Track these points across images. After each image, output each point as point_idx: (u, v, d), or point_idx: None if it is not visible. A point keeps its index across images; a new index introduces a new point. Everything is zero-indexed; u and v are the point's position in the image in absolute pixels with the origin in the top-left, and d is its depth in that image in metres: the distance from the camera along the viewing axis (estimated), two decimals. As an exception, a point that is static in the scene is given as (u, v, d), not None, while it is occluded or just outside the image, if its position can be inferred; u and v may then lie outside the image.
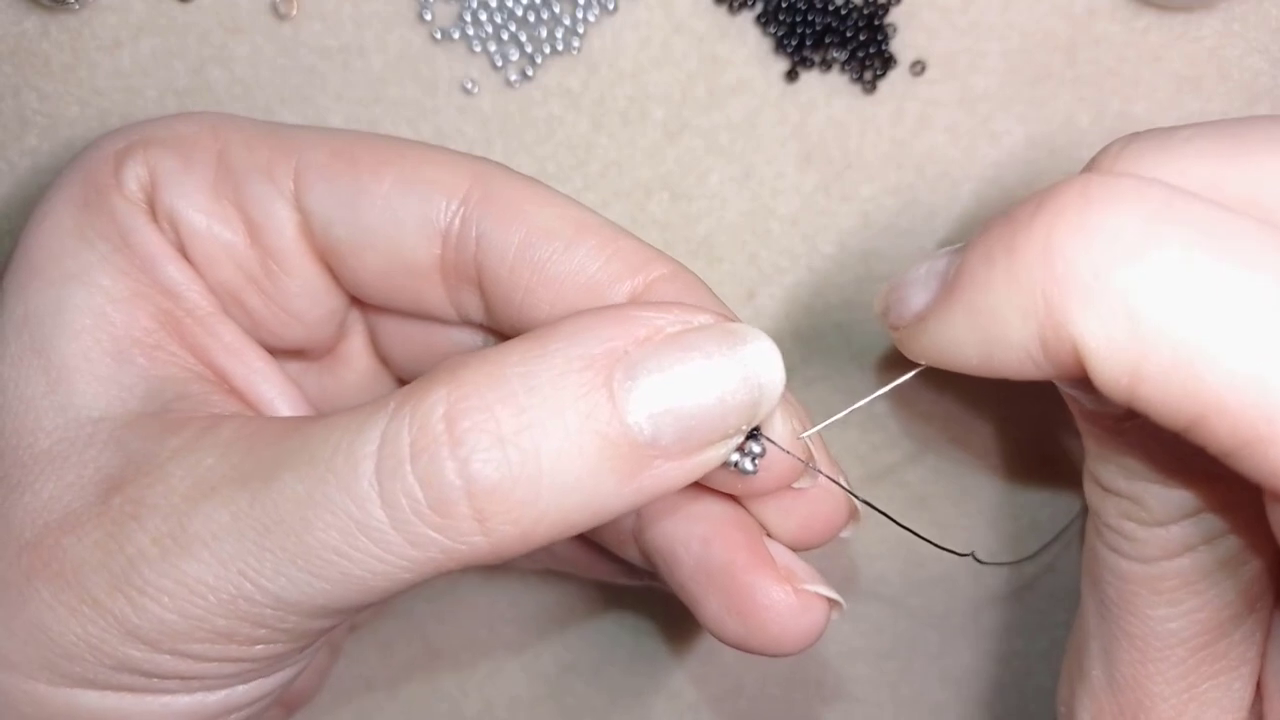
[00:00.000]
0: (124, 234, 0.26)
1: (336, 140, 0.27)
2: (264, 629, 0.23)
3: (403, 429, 0.21)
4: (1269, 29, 0.32)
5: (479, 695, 0.40)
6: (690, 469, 0.22)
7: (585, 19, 0.32)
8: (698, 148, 0.34)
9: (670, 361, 0.22)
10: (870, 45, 0.33)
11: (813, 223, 0.34)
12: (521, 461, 0.21)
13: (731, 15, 0.33)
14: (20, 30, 0.32)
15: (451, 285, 0.27)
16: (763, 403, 0.22)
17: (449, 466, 0.21)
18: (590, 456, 0.21)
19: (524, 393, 0.21)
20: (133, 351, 0.25)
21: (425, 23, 0.32)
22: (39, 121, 0.33)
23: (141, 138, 0.27)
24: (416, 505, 0.21)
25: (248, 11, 0.32)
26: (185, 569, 0.22)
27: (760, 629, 0.26)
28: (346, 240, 0.26)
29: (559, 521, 0.22)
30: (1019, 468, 0.37)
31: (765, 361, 0.22)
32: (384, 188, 0.26)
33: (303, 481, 0.22)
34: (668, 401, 0.22)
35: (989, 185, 0.34)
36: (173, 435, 0.24)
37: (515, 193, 0.26)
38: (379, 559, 0.22)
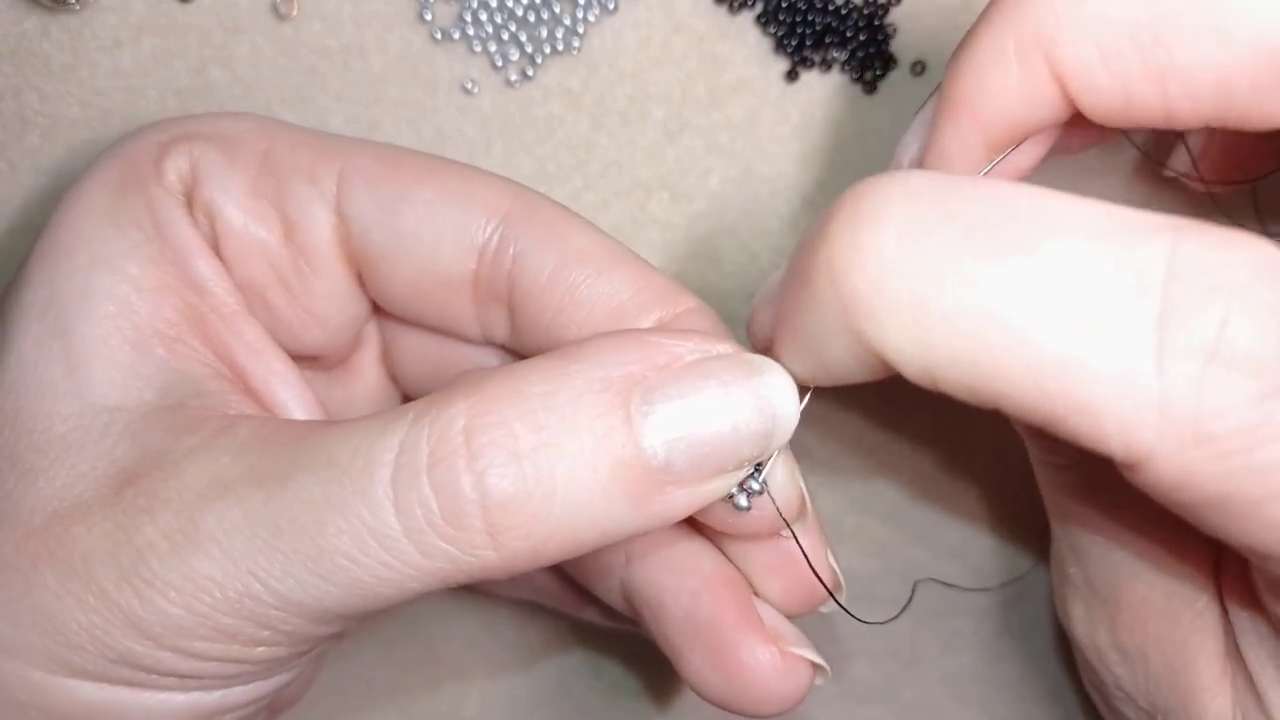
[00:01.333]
0: (158, 224, 0.26)
1: (382, 150, 0.27)
2: (267, 630, 0.23)
3: (421, 438, 0.22)
4: (1269, 29, 0.32)
5: (479, 695, 0.40)
6: (698, 497, 0.23)
7: (585, 19, 0.32)
8: (698, 148, 0.34)
9: (687, 389, 0.22)
10: (870, 45, 0.33)
11: (813, 222, 0.34)
12: (536, 479, 0.21)
13: (731, 15, 0.33)
14: (21, 30, 0.32)
15: (481, 301, 0.27)
16: (776, 434, 0.23)
17: (465, 479, 0.21)
18: (604, 478, 0.22)
19: (543, 411, 0.22)
20: (153, 342, 0.25)
21: (425, 23, 0.32)
22: (40, 122, 0.33)
23: (187, 131, 0.27)
24: (430, 515, 0.21)
25: (248, 11, 0.32)
26: (194, 565, 0.22)
27: (744, 688, 0.26)
28: (383, 246, 0.27)
29: (568, 540, 0.22)
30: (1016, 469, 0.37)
31: (780, 393, 0.23)
32: (426, 197, 0.26)
33: (319, 484, 0.22)
34: (683, 428, 0.22)
35: (989, 185, 0.34)
36: (189, 433, 0.24)
37: (554, 218, 0.26)
38: (388, 566, 0.22)
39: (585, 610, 0.33)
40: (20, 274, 0.26)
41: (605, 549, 0.24)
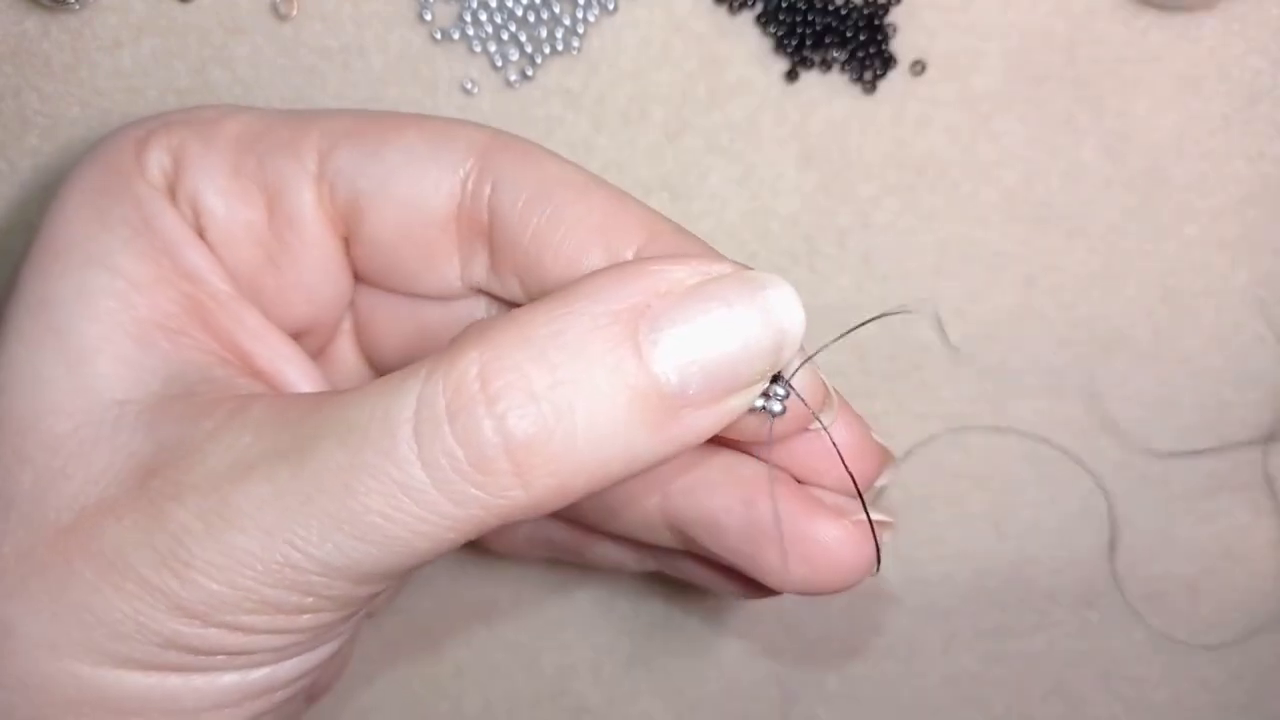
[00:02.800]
0: (146, 219, 0.26)
1: (357, 112, 0.28)
2: (311, 597, 0.23)
3: (438, 391, 0.22)
4: (1269, 29, 0.32)
5: (479, 694, 0.40)
6: (718, 416, 0.23)
7: (585, 19, 0.32)
8: (698, 148, 0.34)
9: (692, 313, 0.22)
10: (870, 45, 0.33)
11: (813, 223, 0.34)
12: (556, 415, 0.22)
13: (731, 15, 0.33)
14: (21, 30, 0.32)
15: (464, 239, 0.28)
16: (785, 346, 0.23)
17: (486, 424, 0.22)
18: (621, 409, 0.22)
19: (553, 350, 0.22)
20: (155, 335, 0.25)
21: (425, 23, 0.32)
22: (40, 122, 0.33)
23: (162, 125, 0.27)
24: (457, 464, 0.22)
25: (248, 11, 0.32)
26: (231, 541, 0.22)
27: (827, 568, 0.27)
28: (368, 194, 0.27)
29: (595, 473, 0.22)
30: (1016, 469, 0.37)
31: (785, 305, 0.23)
32: (407, 140, 0.27)
33: (342, 450, 0.22)
34: (693, 352, 0.22)
35: (989, 185, 0.34)
36: (205, 418, 0.24)
37: (531, 149, 0.27)
38: (423, 519, 0.22)
39: (610, 556, 0.33)
40: (13, 279, 0.26)
41: (633, 481, 0.25)
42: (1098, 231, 0.34)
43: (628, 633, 0.39)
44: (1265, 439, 0.36)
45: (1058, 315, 0.35)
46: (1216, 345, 0.36)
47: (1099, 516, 0.37)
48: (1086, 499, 0.37)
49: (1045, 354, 0.36)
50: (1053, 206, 0.34)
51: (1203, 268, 0.35)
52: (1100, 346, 0.36)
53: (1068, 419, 0.36)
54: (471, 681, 0.40)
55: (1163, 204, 0.34)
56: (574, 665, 0.39)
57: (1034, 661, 0.39)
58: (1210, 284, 0.35)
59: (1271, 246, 0.35)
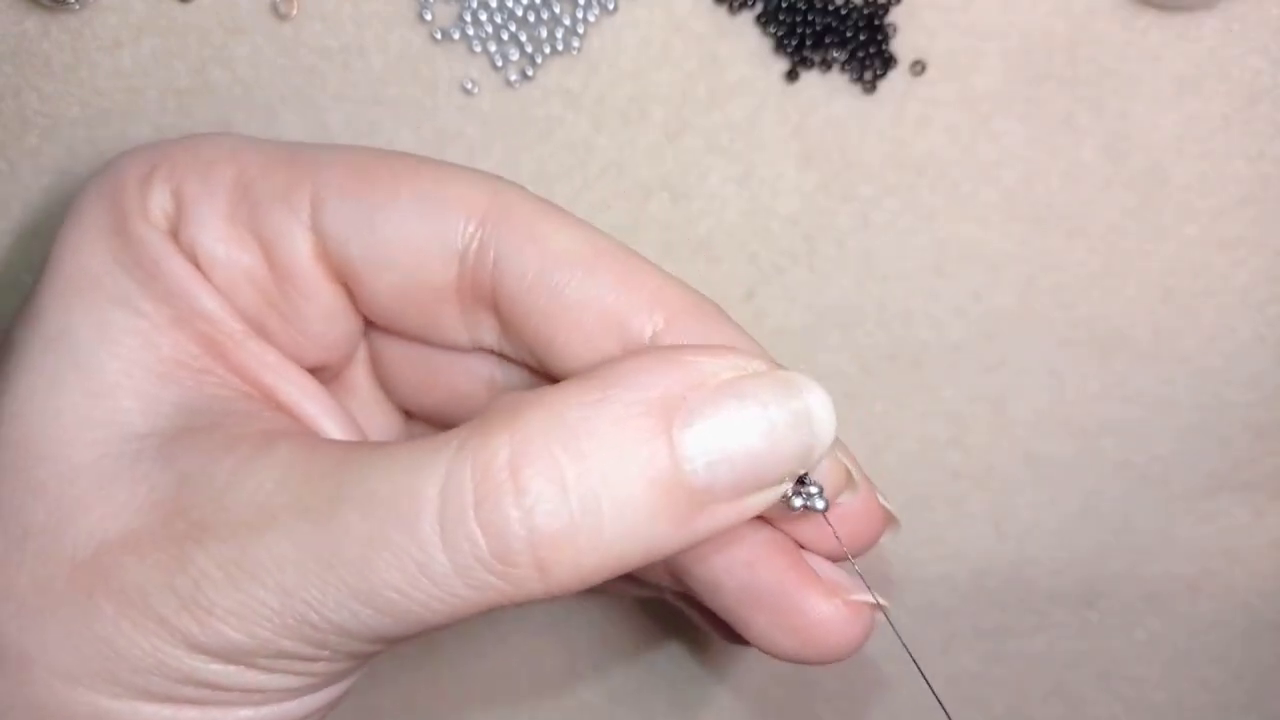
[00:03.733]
0: (155, 262, 0.26)
1: (353, 158, 0.27)
2: (326, 649, 0.23)
3: (465, 473, 0.22)
4: (1269, 29, 0.32)
5: (479, 694, 0.40)
6: (741, 513, 0.23)
7: (585, 19, 0.32)
8: (698, 148, 0.34)
9: (727, 410, 0.22)
10: (870, 45, 0.33)
11: (813, 223, 0.34)
12: (583, 511, 0.22)
13: (731, 15, 0.33)
14: (21, 30, 0.32)
15: (467, 307, 0.27)
16: (815, 451, 0.23)
17: (513, 516, 0.22)
18: (649, 503, 0.22)
19: (585, 438, 0.22)
20: (179, 373, 0.25)
21: (425, 23, 0.32)
22: (40, 122, 0.33)
23: (163, 160, 0.26)
24: (479, 552, 0.22)
25: (248, 11, 0.32)
26: (251, 593, 0.22)
27: (815, 642, 0.27)
28: (363, 259, 0.26)
29: (614, 565, 0.22)
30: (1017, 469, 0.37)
31: (820, 412, 0.23)
32: (401, 206, 0.26)
33: (365, 520, 0.22)
34: (724, 449, 0.22)
35: (989, 185, 0.34)
36: (227, 452, 0.24)
37: (534, 215, 0.26)
38: (438, 599, 0.22)
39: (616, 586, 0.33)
40: (28, 308, 0.26)
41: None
42: (1098, 231, 0.34)
43: (629, 633, 0.39)
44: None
45: (1058, 315, 0.35)
46: (1216, 345, 0.36)
47: (1099, 516, 0.37)
48: (1086, 499, 0.37)
49: (1045, 354, 0.36)
50: (1053, 206, 0.34)
51: (1203, 268, 0.35)
52: (1100, 346, 0.36)
53: (1068, 419, 0.36)
54: (472, 681, 0.40)
55: (1163, 204, 0.34)
56: (574, 665, 0.39)
57: (1034, 661, 0.39)
58: (1210, 284, 0.35)
59: (1271, 246, 0.35)
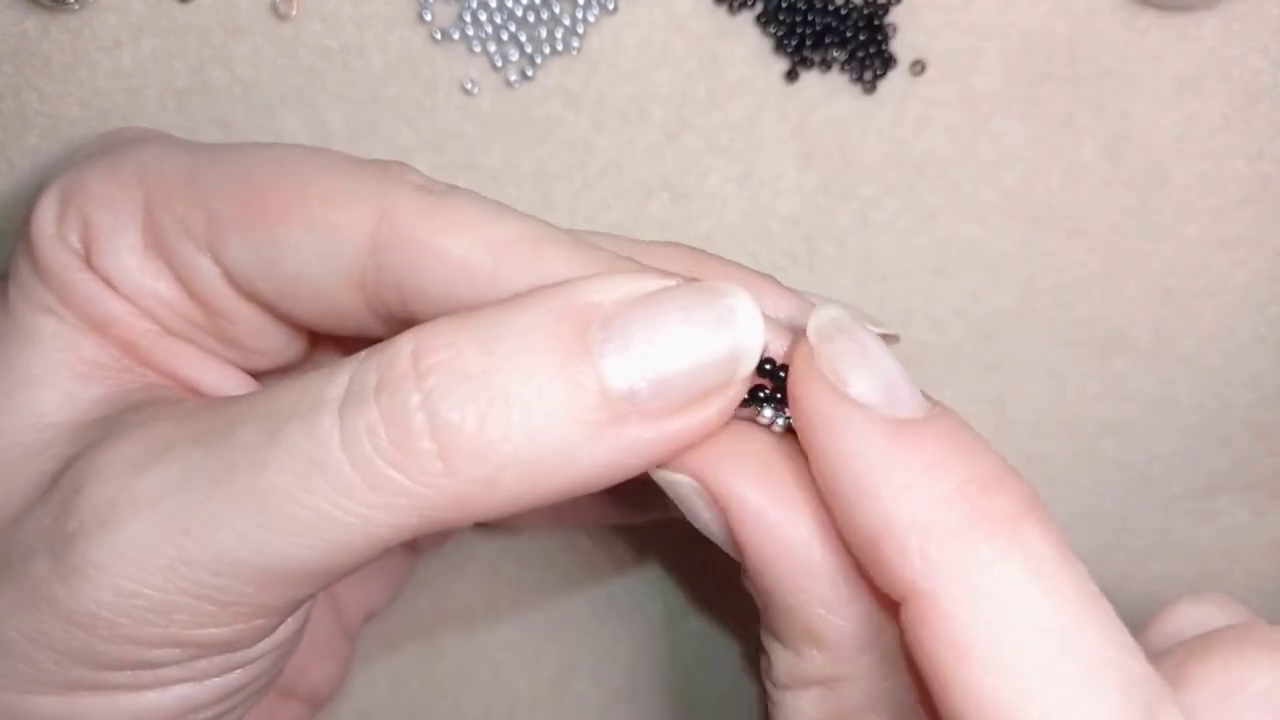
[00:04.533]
0: (63, 281, 0.26)
1: (245, 185, 0.25)
2: (205, 602, 0.22)
3: (370, 369, 0.21)
4: (1269, 29, 0.32)
5: (479, 694, 0.40)
6: (669, 434, 0.22)
7: (585, 19, 0.32)
8: (698, 148, 0.34)
9: (648, 316, 0.21)
10: (870, 45, 0.33)
11: (813, 223, 0.34)
12: (489, 399, 0.20)
13: (731, 15, 0.33)
14: (20, 30, 0.32)
15: (390, 323, 0.26)
16: (742, 360, 0.22)
17: (413, 399, 0.20)
18: (561, 404, 0.21)
19: (496, 337, 0.21)
20: (100, 374, 0.25)
21: (425, 23, 0.32)
22: (40, 122, 0.33)
23: (78, 188, 0.26)
24: (377, 440, 0.21)
25: (248, 11, 0.32)
26: (120, 533, 0.21)
27: None
28: (271, 292, 0.25)
29: (526, 471, 0.21)
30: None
31: (743, 311, 0.22)
32: (294, 239, 0.24)
33: (263, 429, 0.21)
34: (643, 355, 0.21)
35: (989, 185, 0.34)
36: (134, 414, 0.23)
37: (424, 225, 0.24)
38: (334, 504, 0.21)
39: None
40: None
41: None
42: (1098, 231, 0.34)
43: (628, 633, 0.39)
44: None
45: (1058, 315, 0.35)
46: (1216, 345, 0.36)
47: (1099, 516, 0.37)
48: (1086, 499, 0.37)
49: (1045, 354, 0.36)
50: (1053, 206, 0.34)
51: (1203, 268, 0.35)
52: (1100, 346, 0.36)
53: (1068, 419, 0.36)
54: (471, 681, 0.40)
55: (1163, 204, 0.34)
56: (574, 665, 0.39)
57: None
58: (1210, 284, 0.35)
59: (1271, 246, 0.35)
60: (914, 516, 0.20)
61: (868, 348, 0.22)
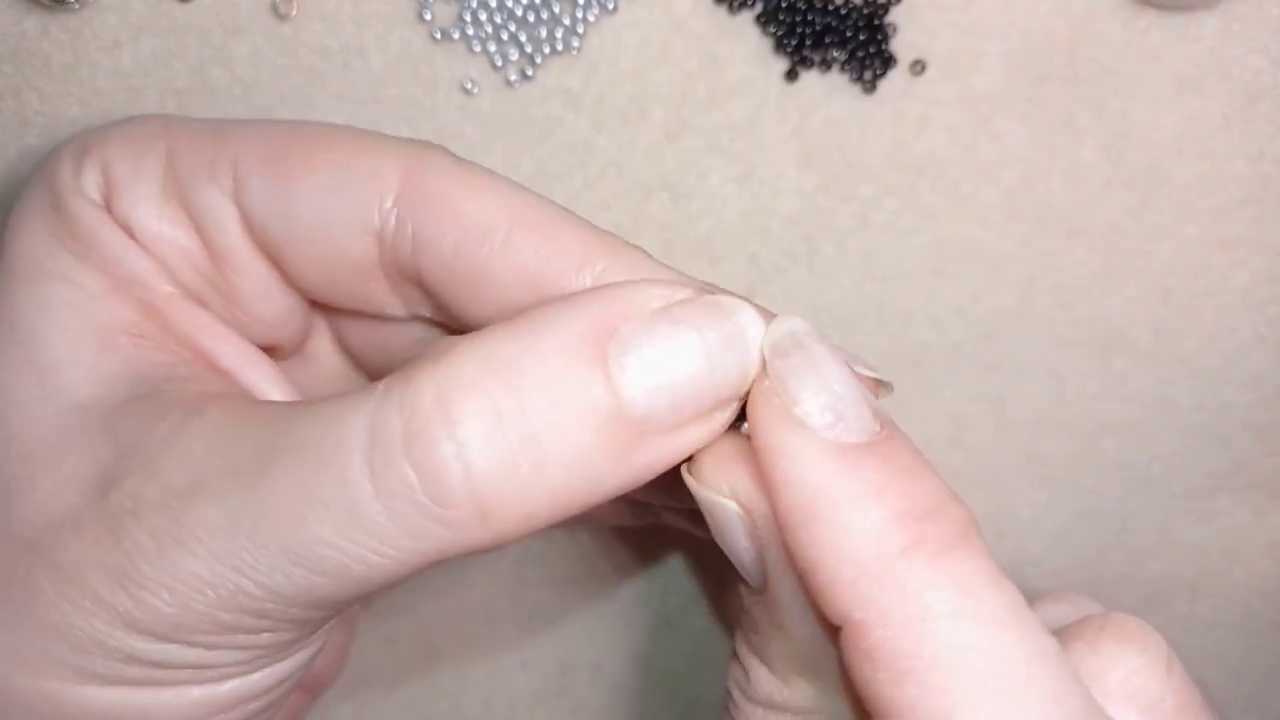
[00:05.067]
0: (89, 232, 0.26)
1: (273, 134, 0.26)
2: (266, 620, 0.23)
3: (393, 412, 0.21)
4: (1269, 29, 0.32)
5: (479, 694, 0.40)
6: (682, 443, 0.22)
7: (585, 19, 0.32)
8: (698, 148, 0.34)
9: (660, 336, 0.22)
10: (870, 45, 0.33)
11: (813, 223, 0.34)
12: (522, 444, 0.21)
13: (731, 15, 0.33)
14: (20, 30, 0.32)
15: (395, 283, 0.27)
16: (750, 371, 0.22)
17: (447, 449, 0.21)
18: (588, 434, 0.21)
19: (518, 372, 0.21)
20: (118, 340, 0.25)
21: (425, 23, 0.32)
22: (39, 122, 0.33)
23: (96, 141, 0.27)
24: (413, 495, 0.21)
25: (248, 11, 0.32)
26: (182, 565, 0.22)
27: None
28: (285, 239, 0.26)
29: (558, 505, 0.22)
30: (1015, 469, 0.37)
31: (752, 331, 0.22)
32: (317, 183, 0.25)
33: (292, 474, 0.21)
34: (660, 376, 0.22)
35: (989, 185, 0.34)
36: (159, 421, 0.23)
37: (451, 185, 0.25)
38: (374, 550, 0.21)
39: (608, 513, 0.33)
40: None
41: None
42: (1098, 231, 0.34)
43: (629, 631, 0.39)
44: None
45: (1058, 315, 0.35)
46: (1216, 345, 0.36)
47: (1099, 516, 0.37)
48: (1086, 499, 0.37)
49: (1045, 354, 0.36)
50: (1053, 206, 0.34)
51: (1203, 268, 0.35)
52: (1100, 346, 0.36)
53: (1068, 419, 0.36)
54: (471, 681, 0.40)
55: (1163, 204, 0.34)
56: (574, 665, 0.39)
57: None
58: (1210, 284, 0.35)
59: (1271, 246, 0.35)
60: (849, 548, 0.21)
61: (821, 364, 0.22)
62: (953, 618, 0.20)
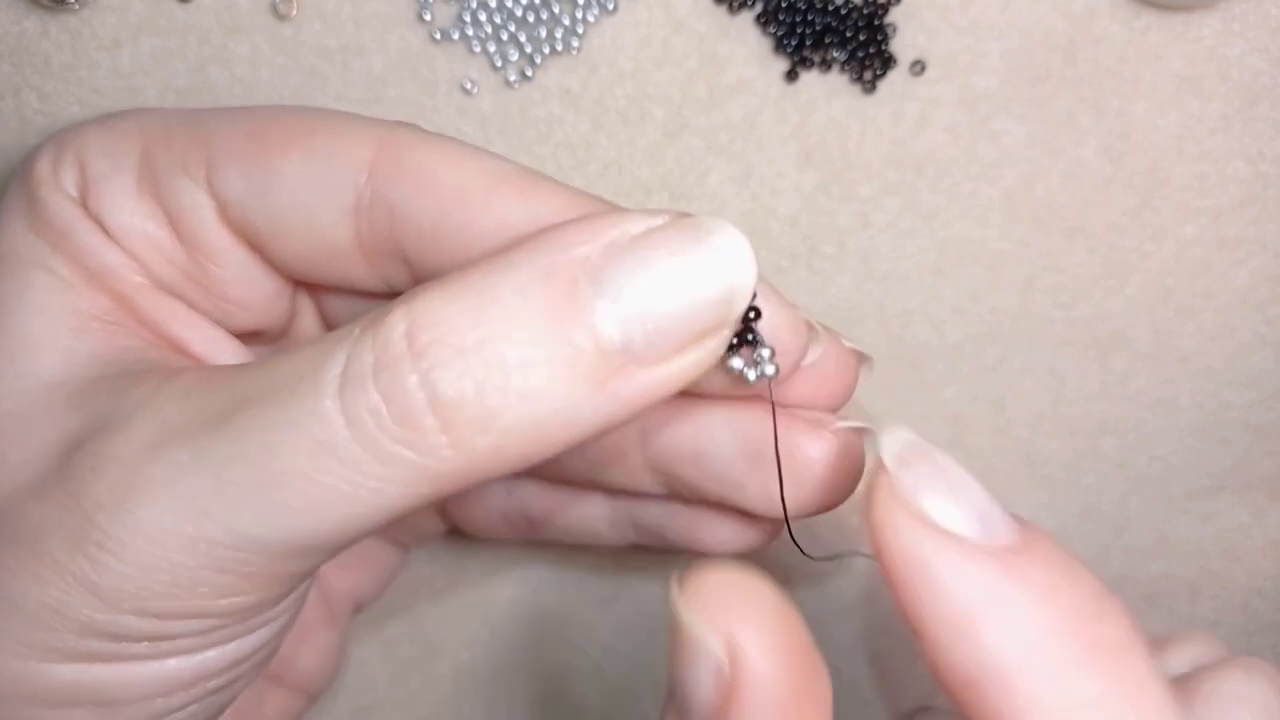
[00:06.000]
0: (65, 225, 0.26)
1: (249, 122, 0.26)
2: (228, 575, 0.22)
3: (365, 349, 0.21)
4: (1269, 29, 0.32)
5: (479, 694, 0.40)
6: (668, 376, 0.22)
7: (585, 19, 0.32)
8: (698, 148, 0.34)
9: (635, 262, 0.21)
10: (870, 45, 0.33)
11: (813, 223, 0.34)
12: (485, 369, 0.21)
13: (731, 15, 0.33)
14: (20, 30, 0.32)
15: (375, 261, 0.27)
16: (736, 298, 0.22)
17: (411, 379, 0.21)
18: (558, 363, 0.21)
19: (487, 305, 0.21)
20: (92, 325, 0.26)
21: (425, 23, 0.32)
22: (39, 121, 0.33)
23: (74, 138, 0.27)
24: (380, 419, 0.21)
25: (248, 11, 0.32)
26: (141, 515, 0.22)
27: (813, 482, 0.27)
28: (264, 224, 0.26)
29: (531, 433, 0.21)
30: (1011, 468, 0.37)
31: (734, 253, 0.21)
32: (291, 168, 0.25)
33: (265, 409, 0.21)
34: (636, 303, 0.21)
35: (989, 185, 0.34)
36: (134, 388, 0.24)
37: (424, 156, 0.25)
38: (346, 479, 0.21)
39: (578, 518, 0.33)
40: None
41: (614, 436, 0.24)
42: (1098, 231, 0.34)
43: (628, 633, 0.39)
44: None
45: (1058, 315, 0.35)
46: (1216, 345, 0.36)
47: (1099, 517, 0.37)
48: (1086, 499, 0.37)
49: (1045, 354, 0.36)
50: (1052, 206, 0.34)
51: (1203, 268, 0.35)
52: (1100, 346, 0.36)
53: (1067, 419, 0.36)
54: (471, 681, 0.40)
55: (1163, 204, 0.34)
56: (574, 665, 0.39)
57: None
58: (1210, 284, 0.35)
59: (1271, 247, 0.35)
60: (1022, 657, 0.19)
61: (950, 473, 0.21)
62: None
